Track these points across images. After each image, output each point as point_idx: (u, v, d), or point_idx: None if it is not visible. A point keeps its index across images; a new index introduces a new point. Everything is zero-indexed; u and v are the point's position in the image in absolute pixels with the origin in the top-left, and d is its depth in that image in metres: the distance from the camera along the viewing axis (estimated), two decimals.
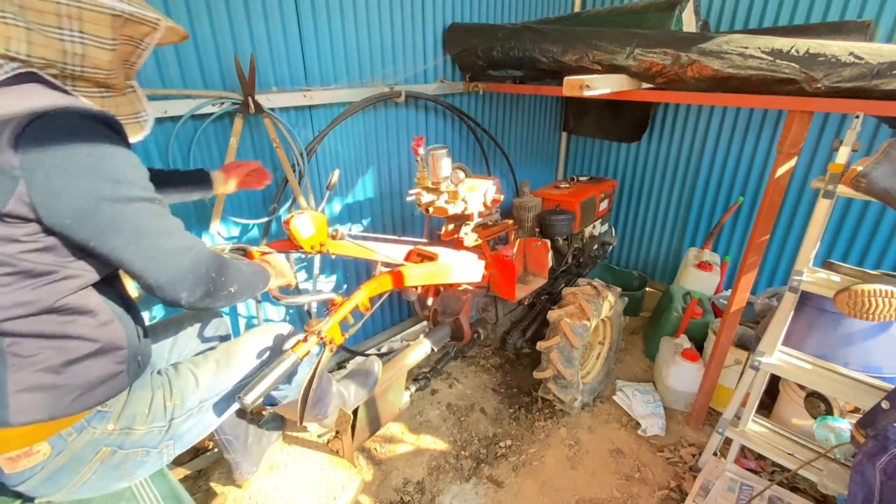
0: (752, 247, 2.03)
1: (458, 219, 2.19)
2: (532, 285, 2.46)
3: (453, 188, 2.04)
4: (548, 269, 2.55)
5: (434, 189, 2.08)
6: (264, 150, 2.24)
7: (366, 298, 1.59)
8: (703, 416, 2.50)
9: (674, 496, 2.13)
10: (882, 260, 2.79)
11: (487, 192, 2.14)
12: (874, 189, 1.44)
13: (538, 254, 2.50)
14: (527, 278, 2.52)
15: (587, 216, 2.93)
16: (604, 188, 3.10)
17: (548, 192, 2.91)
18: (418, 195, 2.11)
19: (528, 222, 2.71)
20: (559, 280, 2.95)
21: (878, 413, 1.45)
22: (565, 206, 2.78)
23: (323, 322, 1.41)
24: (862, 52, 1.60)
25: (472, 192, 2.06)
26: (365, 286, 1.63)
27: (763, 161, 3.10)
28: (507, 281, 2.22)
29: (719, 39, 1.88)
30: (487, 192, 2.14)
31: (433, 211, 2.09)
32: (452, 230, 2.23)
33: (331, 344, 1.42)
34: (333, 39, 2.33)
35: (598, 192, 3.02)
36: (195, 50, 1.92)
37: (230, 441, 1.86)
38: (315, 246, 1.78)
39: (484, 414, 2.63)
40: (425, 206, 2.10)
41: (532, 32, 2.47)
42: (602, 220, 3.25)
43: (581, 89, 2.00)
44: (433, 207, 2.08)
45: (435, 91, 2.85)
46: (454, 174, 2.03)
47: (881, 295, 1.49)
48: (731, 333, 2.25)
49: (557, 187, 2.98)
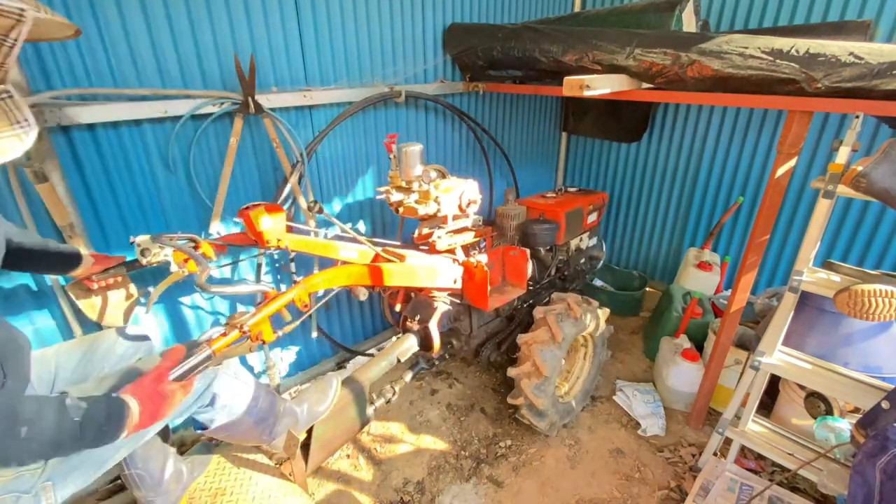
0: (752, 247, 2.03)
1: (432, 221, 2.07)
2: (508, 295, 2.33)
3: (425, 188, 1.93)
4: (526, 279, 2.40)
5: (406, 188, 1.97)
6: (264, 151, 2.24)
7: (304, 294, 1.41)
8: (703, 416, 2.50)
9: (674, 496, 2.13)
10: (882, 260, 2.79)
11: (464, 195, 2.02)
12: (874, 189, 1.44)
13: (516, 263, 2.35)
14: (504, 288, 2.40)
15: (573, 228, 2.78)
16: (592, 200, 2.95)
17: (532, 201, 2.78)
18: (387, 193, 1.99)
19: (510, 231, 2.59)
20: (542, 293, 2.79)
21: (878, 413, 1.45)
22: (549, 216, 2.64)
23: (248, 315, 1.26)
24: (862, 52, 1.60)
25: (447, 194, 1.94)
26: (305, 280, 1.45)
27: (763, 161, 3.10)
28: (480, 289, 2.06)
29: (719, 39, 1.88)
30: (464, 193, 2.02)
31: (403, 211, 1.98)
32: (427, 234, 2.10)
33: (257, 340, 1.26)
34: (333, 39, 2.33)
35: (585, 204, 2.86)
36: (195, 50, 1.92)
37: (141, 477, 1.52)
38: (272, 241, 1.64)
39: (484, 414, 2.63)
40: (395, 206, 1.99)
41: (532, 32, 2.47)
42: (590, 233, 3.10)
43: (581, 89, 2.00)
44: (403, 207, 1.97)
45: (435, 91, 2.85)
46: (425, 173, 1.93)
47: (881, 295, 1.49)
48: (731, 333, 2.25)
49: (544, 197, 2.86)
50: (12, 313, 1.73)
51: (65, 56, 1.65)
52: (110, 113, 1.74)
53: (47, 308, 1.81)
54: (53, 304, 1.81)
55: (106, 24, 1.69)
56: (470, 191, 2.06)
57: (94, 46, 1.69)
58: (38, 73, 1.61)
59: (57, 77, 1.65)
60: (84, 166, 1.77)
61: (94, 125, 1.75)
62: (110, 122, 1.77)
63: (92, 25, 1.67)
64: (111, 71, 1.75)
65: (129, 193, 1.91)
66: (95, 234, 1.86)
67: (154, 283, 2.06)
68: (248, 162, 2.22)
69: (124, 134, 1.83)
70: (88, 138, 1.76)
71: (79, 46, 1.66)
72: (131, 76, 1.80)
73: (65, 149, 1.72)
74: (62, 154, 1.70)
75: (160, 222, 2.02)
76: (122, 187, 1.88)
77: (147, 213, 1.97)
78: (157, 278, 2.06)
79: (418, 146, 1.90)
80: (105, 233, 1.89)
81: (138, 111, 1.80)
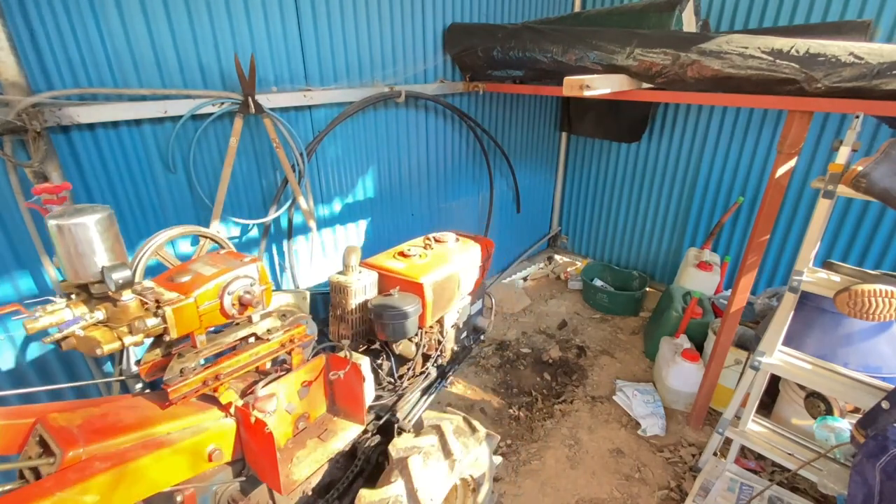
0: (752, 247, 2.03)
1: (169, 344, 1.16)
2: (335, 439, 1.42)
3: (126, 298, 1.04)
4: (365, 408, 1.49)
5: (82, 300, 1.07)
6: (264, 151, 2.24)
7: None
8: (703, 416, 2.50)
9: (674, 496, 2.13)
10: (882, 260, 2.79)
11: (233, 286, 1.17)
12: (874, 189, 1.44)
13: (348, 384, 1.46)
14: (329, 425, 1.47)
15: (442, 301, 1.98)
16: (472, 256, 2.17)
17: (384, 264, 1.97)
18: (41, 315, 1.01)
19: (352, 315, 1.82)
20: (404, 397, 1.95)
21: (878, 413, 1.45)
22: (407, 288, 1.86)
23: None
24: (862, 52, 1.60)
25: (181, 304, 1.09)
26: None
27: (763, 161, 3.10)
28: (267, 458, 1.17)
29: (719, 39, 1.88)
30: (232, 284, 1.17)
31: (64, 346, 1.05)
32: (161, 360, 1.18)
33: None
34: (333, 39, 2.33)
35: (460, 266, 2.07)
36: (195, 50, 1.92)
37: None
38: None
39: (484, 414, 2.63)
40: (55, 339, 1.03)
41: (532, 32, 2.47)
42: (473, 297, 2.30)
43: (581, 89, 2.00)
44: (65, 342, 1.04)
45: (435, 91, 2.85)
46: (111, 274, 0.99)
47: (881, 295, 1.49)
48: (731, 333, 2.25)
49: (404, 255, 2.03)
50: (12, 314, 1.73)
51: (65, 56, 1.65)
52: (110, 113, 1.74)
53: None
54: None
55: (106, 24, 1.69)
56: (242, 284, 1.19)
57: (94, 46, 1.69)
58: (39, 73, 1.61)
59: (57, 77, 1.65)
60: (84, 166, 1.77)
61: (94, 125, 1.75)
62: (110, 122, 1.77)
63: (92, 25, 1.67)
64: (111, 71, 1.75)
65: (129, 193, 1.91)
66: None
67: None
68: (248, 162, 2.22)
69: (124, 134, 1.83)
70: (88, 138, 1.76)
71: (79, 46, 1.66)
72: (131, 76, 1.80)
73: (65, 149, 1.72)
74: (62, 154, 1.70)
75: (160, 222, 2.02)
76: (122, 187, 1.88)
77: (147, 213, 1.97)
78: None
79: (96, 214, 1.04)
80: None
81: (138, 111, 1.80)
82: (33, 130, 1.54)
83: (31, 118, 1.52)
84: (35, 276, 1.75)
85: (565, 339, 3.31)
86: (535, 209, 4.26)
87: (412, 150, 2.92)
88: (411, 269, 1.92)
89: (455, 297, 2.10)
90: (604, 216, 4.17)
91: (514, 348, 3.21)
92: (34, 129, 1.54)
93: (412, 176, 2.99)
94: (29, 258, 1.71)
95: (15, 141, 1.57)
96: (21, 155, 1.61)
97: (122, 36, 1.74)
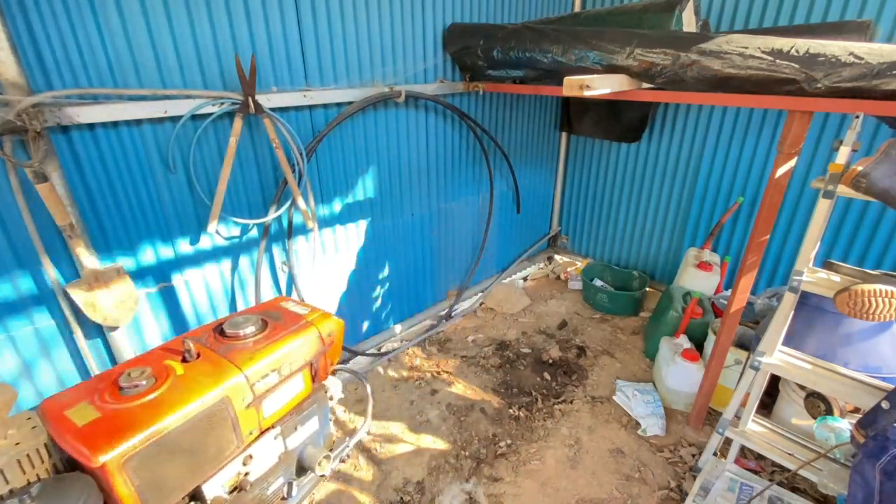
0: (752, 247, 2.03)
1: None
2: None
3: None
4: None
5: None
6: (264, 151, 2.24)
7: None
8: (703, 416, 2.50)
9: (674, 496, 2.13)
10: (882, 260, 2.79)
11: None
12: (874, 189, 1.44)
13: None
14: None
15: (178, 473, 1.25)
16: (292, 355, 1.53)
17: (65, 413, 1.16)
18: None
19: None
20: None
21: (878, 413, 1.45)
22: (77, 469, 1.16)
23: None
24: (862, 52, 1.60)
25: None
26: None
27: (763, 161, 3.10)
28: None
29: (719, 39, 1.88)
30: None
31: None
32: None
33: None
34: (333, 39, 2.33)
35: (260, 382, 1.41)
36: (195, 50, 1.92)
37: None
38: None
39: (484, 414, 2.63)
40: None
41: (532, 32, 2.47)
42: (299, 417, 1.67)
43: (581, 89, 2.00)
44: None
45: (435, 91, 2.85)
46: None
47: (881, 295, 1.49)
48: (731, 333, 2.25)
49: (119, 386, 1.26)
50: (12, 314, 1.73)
51: (65, 56, 1.65)
52: (110, 113, 1.74)
53: (47, 308, 1.81)
54: (53, 304, 1.81)
55: (106, 24, 1.69)
56: None
57: (94, 46, 1.69)
58: (39, 73, 1.61)
59: (57, 77, 1.65)
60: (84, 166, 1.77)
61: (94, 125, 1.75)
62: (110, 122, 1.77)
63: (92, 26, 1.67)
64: (111, 71, 1.75)
65: (129, 193, 1.90)
66: (95, 234, 1.85)
67: (154, 283, 2.06)
68: (248, 162, 2.22)
69: (124, 134, 1.83)
70: (88, 138, 1.76)
71: (79, 46, 1.66)
72: (131, 76, 1.80)
73: (65, 149, 1.72)
74: (62, 154, 1.70)
75: (160, 222, 2.02)
76: (122, 187, 1.88)
77: (147, 212, 1.97)
78: (157, 279, 2.06)
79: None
80: (105, 233, 1.89)
81: (138, 111, 1.79)
82: (33, 130, 1.54)
83: (31, 118, 1.52)
84: (35, 277, 1.76)
85: (565, 339, 3.32)
86: (535, 209, 4.26)
87: (412, 151, 2.92)
88: (98, 427, 1.04)
89: (229, 447, 1.31)
90: (604, 216, 4.17)
91: (514, 348, 3.21)
92: (34, 129, 1.54)
93: (412, 176, 2.99)
94: (29, 258, 1.71)
95: (15, 141, 1.57)
96: (21, 155, 1.61)
97: (123, 36, 1.74)
